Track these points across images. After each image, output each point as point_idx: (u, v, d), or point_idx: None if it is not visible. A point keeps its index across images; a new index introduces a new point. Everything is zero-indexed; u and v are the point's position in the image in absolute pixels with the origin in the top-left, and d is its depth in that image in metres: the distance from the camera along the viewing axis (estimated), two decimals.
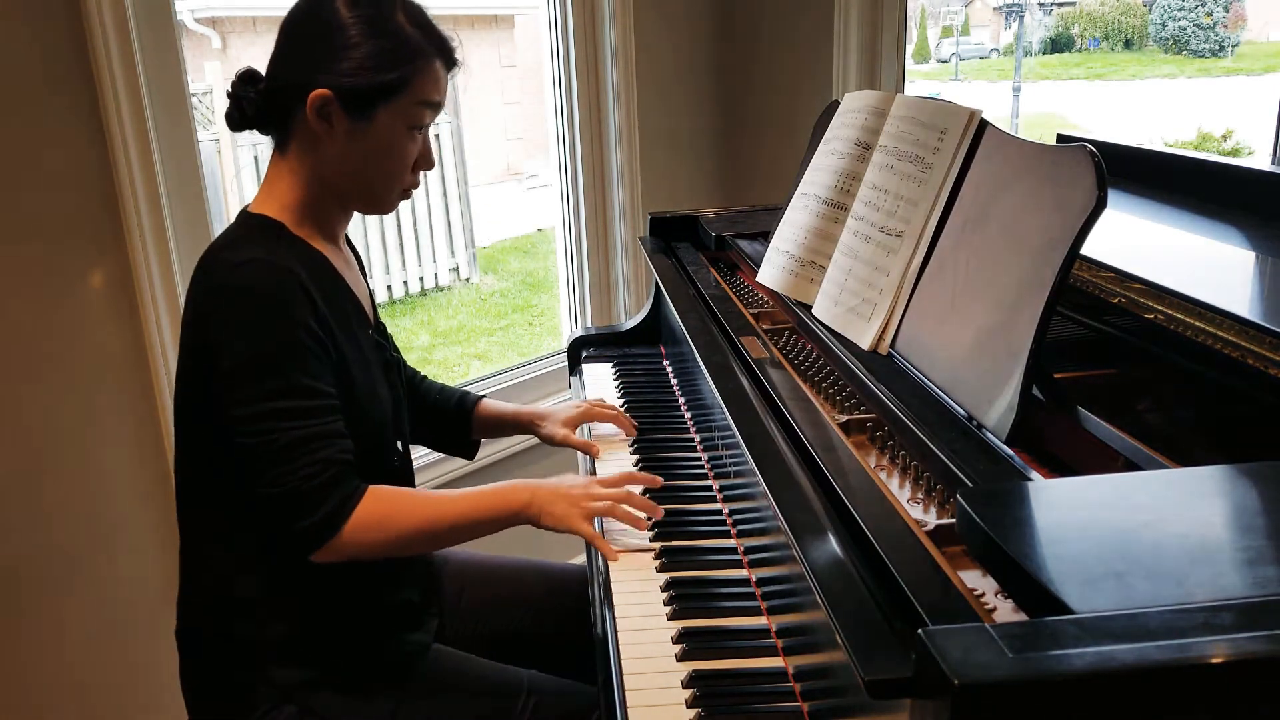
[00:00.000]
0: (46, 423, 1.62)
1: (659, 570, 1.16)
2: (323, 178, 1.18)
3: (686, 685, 0.97)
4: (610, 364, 1.87)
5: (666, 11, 2.63)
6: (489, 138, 8.19)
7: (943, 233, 1.15)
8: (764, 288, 1.50)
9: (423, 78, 1.15)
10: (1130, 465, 0.86)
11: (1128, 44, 16.05)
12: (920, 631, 0.57)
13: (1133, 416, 1.02)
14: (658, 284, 1.85)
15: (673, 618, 1.08)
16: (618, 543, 1.21)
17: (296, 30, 1.16)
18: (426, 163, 1.22)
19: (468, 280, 6.28)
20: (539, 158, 7.57)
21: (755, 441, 1.07)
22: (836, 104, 1.48)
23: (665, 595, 1.11)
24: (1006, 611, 0.74)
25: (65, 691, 1.71)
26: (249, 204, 1.20)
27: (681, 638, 1.04)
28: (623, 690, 0.98)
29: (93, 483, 1.69)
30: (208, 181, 1.75)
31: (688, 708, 0.94)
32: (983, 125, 1.15)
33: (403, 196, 1.23)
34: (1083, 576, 0.61)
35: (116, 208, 1.63)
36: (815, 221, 1.40)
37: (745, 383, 1.22)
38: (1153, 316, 1.03)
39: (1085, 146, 0.94)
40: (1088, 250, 0.98)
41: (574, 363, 1.93)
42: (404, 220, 5.79)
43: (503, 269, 6.80)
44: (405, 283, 5.88)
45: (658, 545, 1.20)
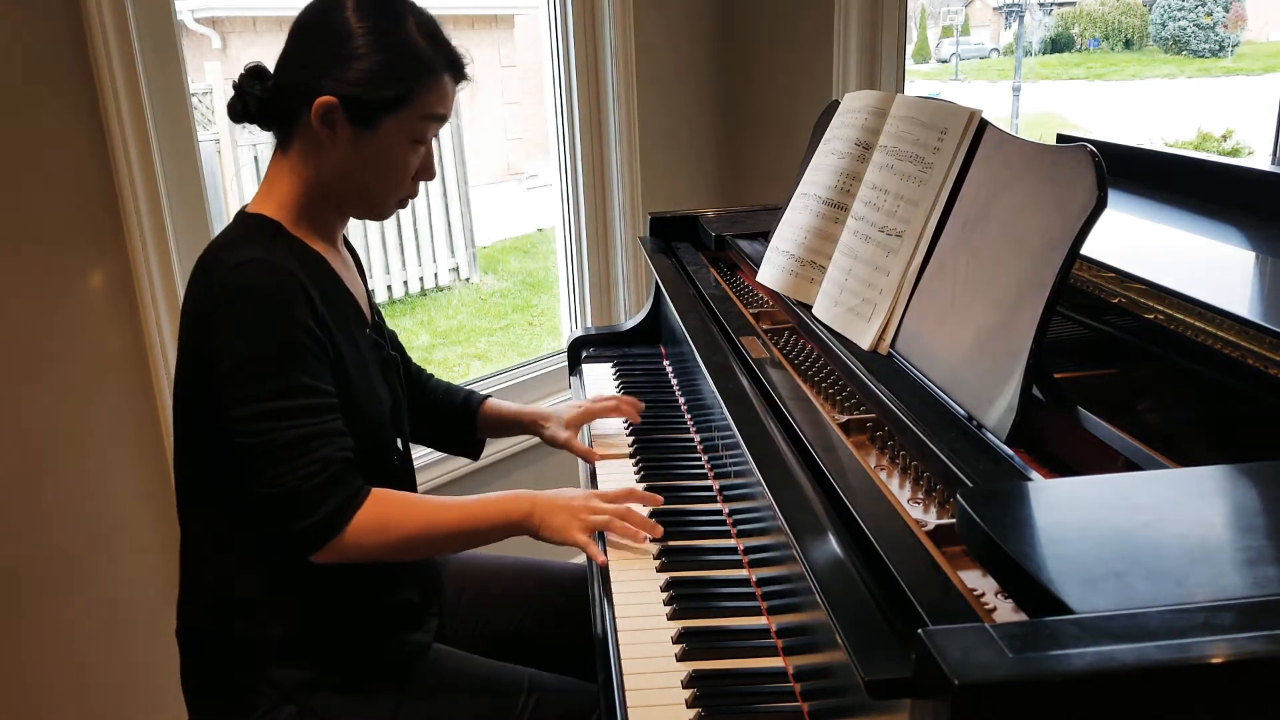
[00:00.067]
0: (46, 423, 1.62)
1: (659, 570, 1.17)
2: (322, 181, 1.18)
3: (686, 685, 0.97)
4: (610, 364, 1.87)
5: (666, 11, 2.63)
6: (489, 138, 8.18)
7: (943, 233, 1.15)
8: (764, 288, 1.50)
9: (428, 92, 1.15)
10: (1130, 465, 0.86)
11: (1128, 44, 16.04)
12: (920, 631, 0.57)
13: (1133, 416, 1.02)
14: (658, 284, 1.85)
15: (673, 617, 1.08)
16: (618, 549, 1.21)
17: (306, 33, 1.16)
18: (428, 174, 1.22)
19: (468, 280, 6.27)
20: (539, 158, 7.57)
21: (755, 441, 1.07)
22: (836, 104, 1.48)
23: (665, 595, 1.12)
24: (1006, 611, 0.74)
25: (65, 691, 1.71)
26: (247, 204, 1.20)
27: (681, 637, 1.04)
28: (623, 690, 0.98)
29: (93, 483, 1.69)
30: (207, 181, 1.75)
31: (688, 707, 0.94)
32: (983, 125, 1.15)
33: (399, 205, 1.23)
34: (1083, 576, 0.61)
35: (116, 208, 1.63)
36: (815, 221, 1.40)
37: (745, 383, 1.22)
38: (1153, 316, 1.03)
39: (1085, 146, 0.94)
40: (1088, 250, 0.98)
41: (574, 363, 1.93)
42: (404, 220, 5.79)
43: (503, 269, 6.79)
44: (405, 283, 5.88)
45: (657, 545, 1.20)
